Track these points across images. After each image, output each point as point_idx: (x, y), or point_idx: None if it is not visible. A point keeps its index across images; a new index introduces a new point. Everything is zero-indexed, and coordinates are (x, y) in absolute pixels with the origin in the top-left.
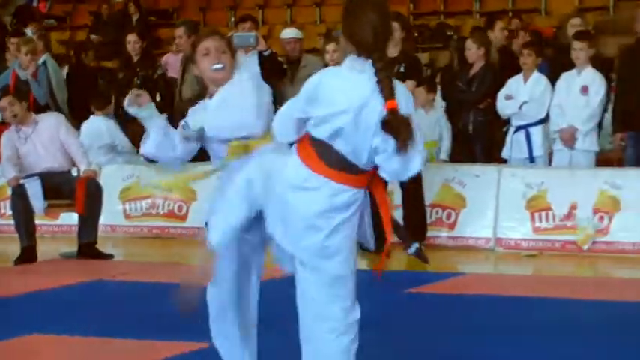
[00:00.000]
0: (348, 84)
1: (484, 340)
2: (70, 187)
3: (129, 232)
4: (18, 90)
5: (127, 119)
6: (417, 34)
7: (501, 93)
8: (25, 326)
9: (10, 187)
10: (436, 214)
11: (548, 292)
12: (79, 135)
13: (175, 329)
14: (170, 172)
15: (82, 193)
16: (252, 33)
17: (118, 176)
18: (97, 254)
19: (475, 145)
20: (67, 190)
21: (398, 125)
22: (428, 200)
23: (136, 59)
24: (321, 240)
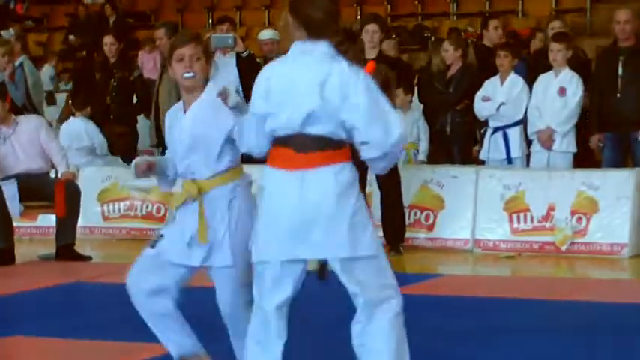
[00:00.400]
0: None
1: (463, 342)
2: (48, 189)
3: (107, 234)
4: None
5: (104, 120)
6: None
7: (478, 95)
8: (4, 328)
9: None
10: (414, 215)
11: (526, 293)
12: (58, 136)
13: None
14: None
15: (62, 195)
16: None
17: (96, 178)
18: (75, 256)
19: (453, 147)
20: (44, 192)
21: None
22: (406, 201)
23: (113, 61)
24: None
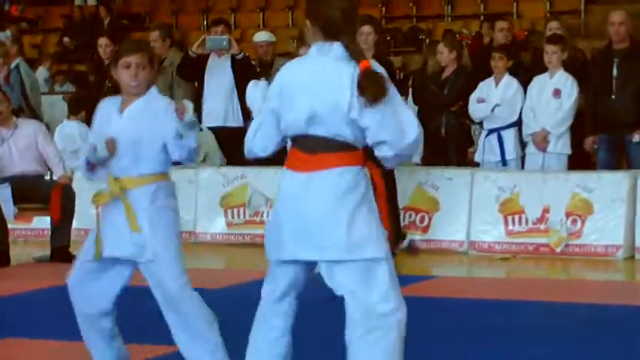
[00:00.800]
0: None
1: (457, 343)
2: (43, 192)
3: None
4: None
5: None
6: (389, 37)
7: (473, 97)
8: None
9: None
10: (409, 217)
11: (521, 295)
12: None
13: (149, 332)
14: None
15: (58, 198)
16: (225, 36)
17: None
18: (70, 258)
19: (448, 148)
20: (39, 194)
21: (369, 80)
22: (401, 203)
23: (107, 62)
24: None
